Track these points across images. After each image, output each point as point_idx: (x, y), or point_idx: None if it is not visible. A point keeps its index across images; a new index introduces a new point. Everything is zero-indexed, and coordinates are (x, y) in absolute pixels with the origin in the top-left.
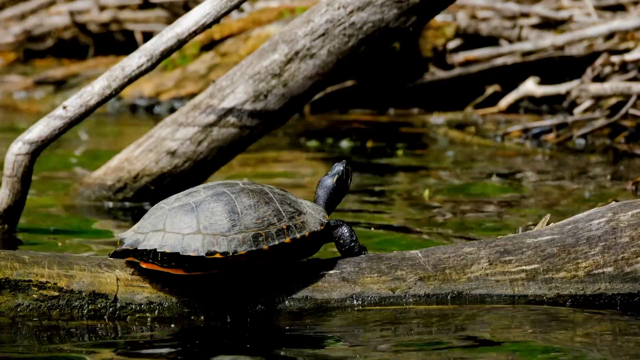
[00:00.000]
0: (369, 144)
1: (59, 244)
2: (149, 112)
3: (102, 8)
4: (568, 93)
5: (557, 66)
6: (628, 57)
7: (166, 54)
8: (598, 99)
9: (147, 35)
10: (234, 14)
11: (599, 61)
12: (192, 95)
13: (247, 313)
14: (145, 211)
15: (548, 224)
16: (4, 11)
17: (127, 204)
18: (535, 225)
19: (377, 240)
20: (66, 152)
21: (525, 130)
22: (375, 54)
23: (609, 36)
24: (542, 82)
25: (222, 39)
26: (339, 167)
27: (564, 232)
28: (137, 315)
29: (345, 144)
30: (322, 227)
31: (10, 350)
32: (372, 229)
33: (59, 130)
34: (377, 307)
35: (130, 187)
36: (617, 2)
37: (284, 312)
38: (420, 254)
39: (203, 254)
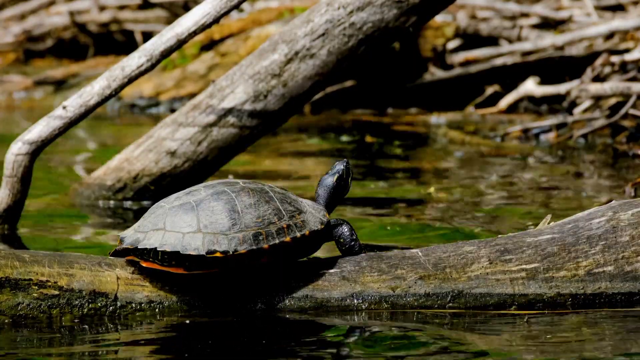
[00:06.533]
0: (368, 139)
1: (79, 237)
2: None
3: (102, 8)
4: (568, 93)
5: (557, 66)
6: (628, 57)
7: (166, 54)
8: (598, 99)
9: (147, 35)
10: (234, 14)
11: (599, 61)
12: (192, 95)
13: (248, 312)
14: (145, 211)
15: (549, 224)
16: (4, 11)
17: (127, 203)
18: (535, 226)
19: (377, 239)
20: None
21: (525, 130)
22: (375, 54)
23: (609, 36)
24: (542, 82)
25: (222, 39)
26: (339, 166)
27: (564, 231)
28: (137, 314)
29: (344, 139)
30: (322, 226)
31: (10, 350)
32: (388, 227)
33: (59, 130)
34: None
35: (130, 187)
36: (617, 2)
37: (284, 311)
38: (420, 253)
39: (203, 252)
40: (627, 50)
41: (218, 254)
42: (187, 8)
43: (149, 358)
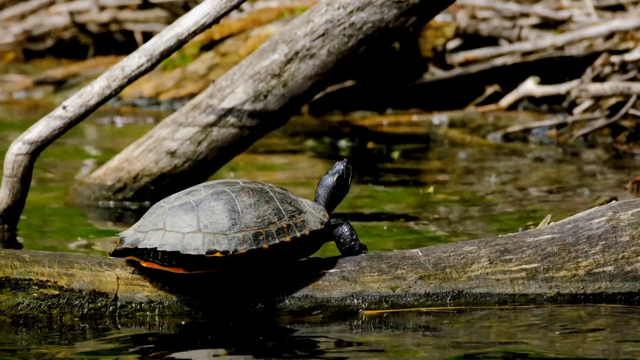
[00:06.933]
0: (370, 145)
1: (79, 237)
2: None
3: (102, 8)
4: (568, 93)
5: (557, 66)
6: (628, 57)
7: (166, 54)
8: (598, 99)
9: (147, 35)
10: (234, 14)
11: (599, 61)
12: (192, 95)
13: (248, 312)
14: (145, 211)
15: (549, 224)
16: (4, 11)
17: (127, 203)
18: (535, 225)
19: (377, 238)
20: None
21: (526, 130)
22: (375, 54)
23: (609, 36)
24: (542, 82)
25: (222, 39)
26: (339, 166)
27: (564, 231)
28: (137, 314)
29: (344, 143)
30: (322, 226)
31: (10, 350)
32: (385, 228)
33: (59, 130)
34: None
35: (130, 187)
36: (617, 2)
37: (285, 310)
38: (420, 253)
39: (203, 252)
40: (627, 50)
41: (218, 254)
42: (187, 8)
43: (148, 358)
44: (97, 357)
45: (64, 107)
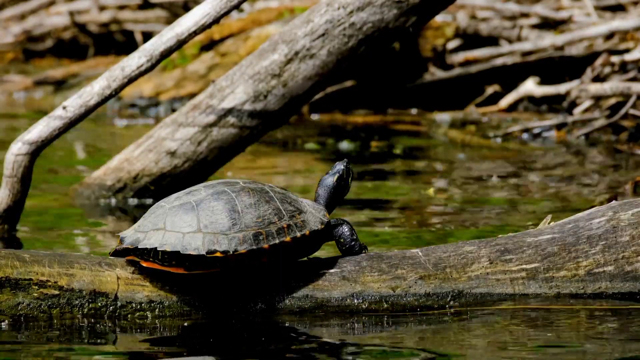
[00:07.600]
0: (374, 143)
1: (79, 238)
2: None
3: (102, 8)
4: (568, 93)
5: (557, 66)
6: (628, 57)
7: (166, 54)
8: (598, 99)
9: (147, 35)
10: (234, 14)
11: (599, 61)
12: (192, 95)
13: (248, 312)
14: (145, 211)
15: (549, 224)
16: (4, 11)
17: (127, 204)
18: (536, 225)
19: (378, 239)
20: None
21: (526, 130)
22: (375, 54)
23: (609, 36)
24: (542, 82)
25: (222, 39)
26: (339, 166)
27: (565, 231)
28: (137, 314)
29: (345, 145)
30: (322, 226)
31: (10, 350)
32: (386, 228)
33: (59, 131)
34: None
35: (130, 187)
36: (617, 2)
37: (285, 310)
38: (420, 253)
39: (203, 252)
40: (627, 50)
41: (218, 254)
42: (187, 8)
43: (149, 358)
44: (97, 357)
45: (64, 107)
